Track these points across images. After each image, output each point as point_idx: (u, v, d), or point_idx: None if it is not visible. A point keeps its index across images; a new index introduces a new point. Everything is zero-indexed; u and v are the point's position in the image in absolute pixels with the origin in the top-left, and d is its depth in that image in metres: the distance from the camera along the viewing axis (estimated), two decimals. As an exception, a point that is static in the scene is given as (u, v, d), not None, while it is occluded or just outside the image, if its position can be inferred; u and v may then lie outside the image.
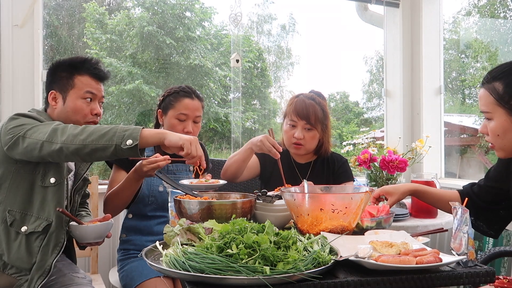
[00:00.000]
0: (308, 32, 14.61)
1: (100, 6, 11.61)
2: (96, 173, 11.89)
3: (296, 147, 2.04)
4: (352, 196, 1.32)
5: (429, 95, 3.28)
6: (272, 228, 1.12)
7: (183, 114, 1.93)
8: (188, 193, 1.56)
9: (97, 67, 1.65)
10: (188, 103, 1.94)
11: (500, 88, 1.35)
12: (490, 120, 1.40)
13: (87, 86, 1.62)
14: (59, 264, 1.65)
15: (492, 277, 1.11)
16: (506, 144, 1.38)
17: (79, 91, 1.61)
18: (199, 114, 1.98)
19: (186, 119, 1.94)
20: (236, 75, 6.96)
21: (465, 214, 1.20)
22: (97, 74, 1.65)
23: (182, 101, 1.95)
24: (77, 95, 1.60)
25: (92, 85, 1.63)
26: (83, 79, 1.62)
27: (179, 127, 1.93)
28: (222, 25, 13.26)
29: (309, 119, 2.00)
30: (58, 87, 1.62)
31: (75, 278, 1.56)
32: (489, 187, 1.59)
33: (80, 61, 1.64)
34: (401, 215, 2.14)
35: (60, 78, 1.62)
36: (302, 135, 2.02)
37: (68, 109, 1.60)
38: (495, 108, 1.37)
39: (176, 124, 1.93)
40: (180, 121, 1.93)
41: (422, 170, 3.07)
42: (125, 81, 12.14)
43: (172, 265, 1.02)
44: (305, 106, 2.01)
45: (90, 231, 1.53)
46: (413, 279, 1.05)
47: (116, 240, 2.44)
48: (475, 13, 9.30)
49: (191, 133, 1.93)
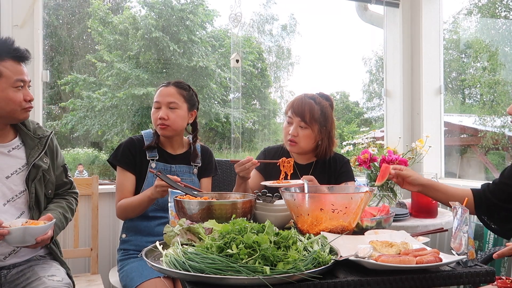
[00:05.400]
0: (309, 33, 14.62)
1: (103, 3, 11.59)
2: (96, 173, 11.89)
3: (291, 144, 2.04)
4: (352, 196, 1.32)
5: (429, 95, 3.28)
6: (272, 228, 1.12)
7: (156, 102, 1.97)
8: (188, 193, 1.57)
9: (16, 48, 1.57)
10: (161, 90, 1.98)
11: None
12: None
13: (15, 74, 1.54)
14: (37, 267, 1.60)
15: (492, 277, 1.11)
16: None
17: (8, 80, 1.53)
18: (173, 100, 1.95)
19: (160, 106, 1.95)
20: (236, 76, 6.96)
21: (465, 214, 1.20)
22: (19, 56, 1.57)
23: (158, 90, 2.00)
24: (6, 84, 1.53)
25: (19, 71, 1.55)
26: (8, 65, 1.53)
27: (155, 115, 1.96)
28: (225, 27, 13.26)
29: (304, 117, 1.99)
30: None
31: (49, 282, 1.50)
32: (504, 185, 1.60)
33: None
34: (401, 215, 2.14)
35: None
36: (296, 133, 2.01)
37: (1, 101, 1.53)
38: None
39: (153, 112, 1.98)
40: (156, 109, 1.97)
41: (422, 170, 3.07)
42: (129, 85, 12.15)
43: (172, 265, 1.02)
44: (302, 103, 2.01)
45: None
46: (413, 279, 1.05)
47: (116, 240, 2.45)
48: (476, 13, 9.30)
49: (164, 119, 1.92)
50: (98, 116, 12.72)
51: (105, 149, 13.70)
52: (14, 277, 1.58)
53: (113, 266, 2.41)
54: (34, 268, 1.60)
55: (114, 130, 12.78)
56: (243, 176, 1.84)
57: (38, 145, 1.66)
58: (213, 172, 2.13)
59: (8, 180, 1.59)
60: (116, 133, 12.86)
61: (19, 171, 1.61)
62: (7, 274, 1.59)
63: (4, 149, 1.61)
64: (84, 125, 12.77)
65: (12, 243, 1.45)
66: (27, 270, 1.59)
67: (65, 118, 12.81)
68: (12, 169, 1.60)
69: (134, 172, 1.95)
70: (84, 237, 2.41)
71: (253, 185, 2.04)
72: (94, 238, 2.27)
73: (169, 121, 1.93)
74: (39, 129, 1.71)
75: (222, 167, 2.51)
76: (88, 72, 12.82)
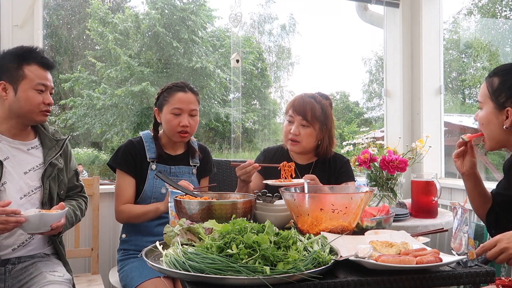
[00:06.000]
0: (308, 32, 14.62)
1: (103, 3, 11.58)
2: (96, 173, 11.89)
3: (292, 143, 2.03)
4: (352, 196, 1.32)
5: (429, 95, 3.27)
6: (272, 228, 1.12)
7: (177, 108, 1.91)
8: (188, 193, 1.57)
9: (44, 56, 1.69)
10: (181, 97, 1.93)
11: (495, 84, 1.48)
12: (481, 109, 1.54)
13: (38, 78, 1.65)
14: (40, 264, 1.67)
15: (492, 277, 1.11)
16: (489, 134, 1.52)
17: (31, 82, 1.64)
18: (194, 108, 1.95)
19: (181, 113, 1.91)
20: (236, 76, 6.97)
21: (465, 214, 1.20)
22: (45, 63, 1.68)
23: (176, 95, 1.93)
24: (29, 86, 1.64)
25: (43, 76, 1.67)
26: (33, 69, 1.65)
27: (175, 121, 1.91)
28: (225, 27, 13.28)
29: (305, 115, 1.99)
30: (8, 78, 1.64)
31: (51, 277, 1.57)
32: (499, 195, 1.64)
33: (27, 50, 1.67)
34: (401, 215, 2.14)
35: (8, 69, 1.64)
36: (298, 131, 2.01)
37: (21, 100, 1.64)
38: (486, 100, 1.51)
39: (171, 119, 1.92)
40: (176, 116, 1.91)
41: (422, 170, 3.07)
42: (130, 83, 12.15)
43: (172, 265, 1.02)
44: (303, 102, 2.01)
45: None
46: (413, 279, 1.05)
47: (117, 240, 2.44)
48: (476, 13, 9.30)
49: (187, 126, 1.92)
50: (98, 116, 12.73)
51: (105, 149, 13.70)
52: (18, 273, 1.64)
53: (113, 266, 2.41)
54: (37, 264, 1.67)
55: (114, 129, 12.79)
56: (244, 179, 1.84)
57: (55, 146, 1.78)
58: (211, 171, 2.15)
59: (26, 176, 1.69)
60: (116, 133, 12.87)
61: (36, 168, 1.72)
62: (11, 269, 1.64)
63: (24, 147, 1.72)
64: (85, 124, 12.78)
65: (28, 230, 1.52)
66: (30, 267, 1.66)
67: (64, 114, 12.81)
68: (30, 165, 1.71)
69: (134, 175, 1.94)
70: (85, 237, 2.41)
71: (254, 186, 2.04)
72: (94, 238, 2.27)
73: (189, 128, 1.92)
74: (57, 133, 1.84)
75: (222, 167, 2.51)
76: (88, 71, 12.83)
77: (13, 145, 1.69)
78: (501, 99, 1.45)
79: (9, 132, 1.69)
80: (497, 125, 1.48)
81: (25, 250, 1.68)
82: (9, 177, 1.64)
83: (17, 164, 1.68)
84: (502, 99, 1.45)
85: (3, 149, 1.66)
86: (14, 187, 1.65)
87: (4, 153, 1.66)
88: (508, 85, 1.45)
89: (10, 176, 1.65)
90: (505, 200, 1.62)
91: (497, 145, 1.52)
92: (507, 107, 1.44)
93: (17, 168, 1.68)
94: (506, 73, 1.47)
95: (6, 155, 1.66)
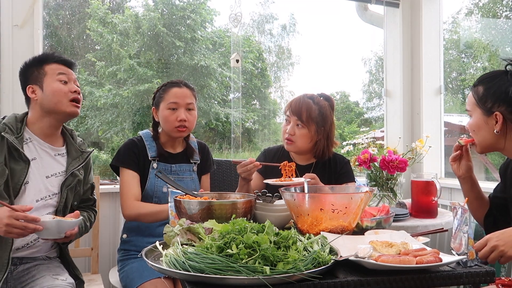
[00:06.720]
0: (309, 32, 14.62)
1: (103, 3, 11.56)
2: (96, 173, 11.86)
3: (288, 142, 2.04)
4: (352, 196, 1.32)
5: (429, 95, 3.28)
6: (272, 228, 1.12)
7: (173, 103, 1.92)
8: (188, 193, 1.57)
9: (61, 56, 1.76)
10: (176, 91, 1.94)
11: (480, 92, 1.54)
12: (470, 117, 1.60)
13: (58, 69, 1.71)
14: (43, 267, 1.67)
15: (492, 277, 1.11)
16: (480, 140, 1.58)
17: (52, 75, 1.70)
18: (191, 101, 1.95)
19: (178, 107, 1.92)
20: (236, 75, 6.96)
21: (465, 214, 1.20)
22: (63, 60, 1.75)
23: (171, 90, 1.94)
24: (51, 79, 1.69)
25: (62, 68, 1.73)
26: (53, 66, 1.72)
27: (172, 117, 1.91)
28: (225, 27, 13.26)
29: (300, 116, 1.99)
30: (33, 80, 1.71)
31: (54, 281, 1.58)
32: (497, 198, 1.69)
33: (46, 53, 1.76)
34: (401, 215, 2.14)
35: (32, 73, 1.71)
36: (293, 131, 2.01)
37: (48, 93, 1.68)
38: (474, 107, 1.57)
39: (168, 114, 1.92)
40: (172, 111, 1.92)
41: (422, 170, 3.07)
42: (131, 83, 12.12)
43: (172, 265, 1.02)
44: (300, 102, 2.01)
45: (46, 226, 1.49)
46: (413, 279, 1.05)
47: (117, 240, 2.45)
48: (476, 13, 9.29)
49: (185, 121, 1.91)
50: (98, 116, 12.71)
51: (105, 149, 13.68)
52: (20, 275, 1.64)
53: (113, 266, 2.41)
54: (39, 267, 1.67)
55: (114, 129, 12.77)
56: (245, 177, 1.85)
57: (79, 157, 1.81)
58: (211, 168, 2.15)
59: (47, 180, 1.71)
60: (116, 133, 12.85)
61: (58, 175, 1.75)
62: (13, 271, 1.64)
63: (52, 152, 1.75)
64: (85, 124, 12.76)
65: (43, 235, 1.51)
66: (32, 269, 1.66)
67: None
68: (53, 171, 1.74)
69: (138, 171, 1.94)
70: (85, 236, 2.40)
71: (254, 185, 2.04)
72: (94, 238, 2.27)
73: (187, 123, 1.93)
74: (83, 145, 1.89)
75: (222, 167, 2.51)
76: (88, 71, 12.81)
77: (42, 147, 1.72)
78: (488, 104, 1.51)
79: (41, 133, 1.72)
80: (488, 130, 1.53)
81: (28, 252, 1.69)
82: (32, 177, 1.66)
83: (42, 166, 1.70)
84: (488, 104, 1.51)
85: (32, 149, 1.69)
86: (34, 189, 1.66)
87: (32, 153, 1.68)
88: (492, 91, 1.51)
89: (33, 177, 1.67)
90: (502, 203, 1.65)
91: (488, 149, 1.58)
92: (495, 112, 1.50)
93: (41, 170, 1.70)
94: (489, 81, 1.53)
95: (34, 155, 1.68)
